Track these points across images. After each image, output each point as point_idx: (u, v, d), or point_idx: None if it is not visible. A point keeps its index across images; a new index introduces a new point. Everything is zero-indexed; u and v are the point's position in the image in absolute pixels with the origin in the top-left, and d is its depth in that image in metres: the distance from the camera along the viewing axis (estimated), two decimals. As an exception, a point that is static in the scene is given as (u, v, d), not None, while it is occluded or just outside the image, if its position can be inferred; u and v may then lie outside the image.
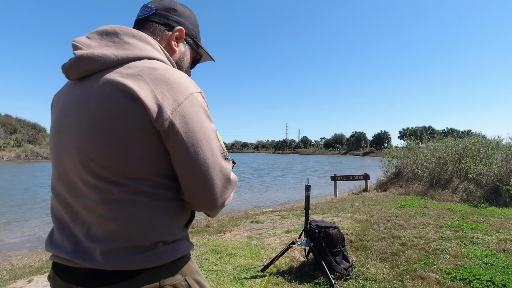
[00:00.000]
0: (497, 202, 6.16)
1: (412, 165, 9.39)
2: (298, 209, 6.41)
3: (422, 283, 2.45)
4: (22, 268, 3.40)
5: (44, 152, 32.37)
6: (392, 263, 2.86)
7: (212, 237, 4.28)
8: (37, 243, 5.43)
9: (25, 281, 2.80)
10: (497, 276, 2.47)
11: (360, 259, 3.01)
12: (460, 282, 2.45)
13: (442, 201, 6.82)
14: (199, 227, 5.24)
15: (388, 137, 68.18)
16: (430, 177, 8.31)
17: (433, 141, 11.46)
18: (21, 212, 7.75)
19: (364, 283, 2.49)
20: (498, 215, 4.91)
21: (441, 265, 2.79)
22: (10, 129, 37.02)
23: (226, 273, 2.79)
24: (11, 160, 28.56)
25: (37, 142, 36.26)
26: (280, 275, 2.69)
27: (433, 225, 4.30)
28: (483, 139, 9.90)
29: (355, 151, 70.14)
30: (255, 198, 10.49)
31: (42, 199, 9.68)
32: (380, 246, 3.36)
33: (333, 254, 2.68)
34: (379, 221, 4.71)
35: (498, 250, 3.13)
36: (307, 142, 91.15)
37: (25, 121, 42.59)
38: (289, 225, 4.90)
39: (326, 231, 2.73)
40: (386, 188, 9.16)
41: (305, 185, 2.82)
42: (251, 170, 22.20)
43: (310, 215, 5.32)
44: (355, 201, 7.08)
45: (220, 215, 7.16)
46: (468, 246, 3.32)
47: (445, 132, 59.98)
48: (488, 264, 2.78)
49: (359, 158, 50.75)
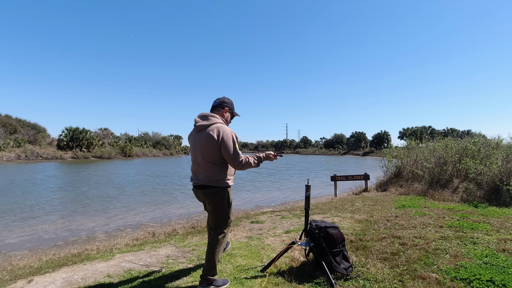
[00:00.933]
0: (497, 202, 6.16)
1: (412, 165, 9.39)
2: (298, 209, 6.41)
3: (422, 283, 2.45)
4: (22, 268, 3.40)
5: (44, 152, 32.37)
6: (392, 263, 2.86)
7: (212, 237, 4.28)
8: (37, 243, 5.43)
9: (25, 281, 2.80)
10: (497, 276, 2.46)
11: (360, 259, 3.01)
12: (460, 282, 2.45)
13: (442, 201, 6.82)
14: (199, 227, 5.24)
15: (388, 137, 68.17)
16: (430, 177, 8.31)
17: (433, 141, 11.46)
18: (21, 213, 7.75)
19: (364, 283, 2.49)
20: (498, 215, 4.91)
21: (441, 265, 2.79)
22: (10, 129, 37.02)
23: (226, 273, 2.79)
24: (11, 160, 28.56)
25: (37, 143, 36.23)
26: (280, 275, 2.69)
27: (433, 225, 4.30)
28: (483, 139, 9.90)
29: (355, 151, 70.11)
30: (255, 198, 10.49)
31: (42, 199, 9.68)
32: (380, 246, 3.36)
33: (333, 254, 2.68)
34: (379, 221, 4.71)
35: (498, 250, 3.13)
36: (307, 142, 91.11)
37: (25, 122, 42.60)
38: (289, 225, 4.90)
39: (326, 231, 2.73)
40: (386, 188, 9.16)
41: (305, 185, 2.82)
42: (251, 170, 22.19)
43: (310, 215, 5.31)
44: (355, 201, 7.08)
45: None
46: (468, 246, 3.32)
47: (445, 132, 59.98)
48: (488, 264, 2.78)
49: (359, 158, 50.74)
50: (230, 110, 2.64)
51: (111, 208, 8.61)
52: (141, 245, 4.04)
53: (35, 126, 42.40)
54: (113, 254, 3.56)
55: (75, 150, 35.71)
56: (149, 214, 7.91)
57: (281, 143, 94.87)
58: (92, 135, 38.60)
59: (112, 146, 42.52)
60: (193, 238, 4.26)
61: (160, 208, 8.71)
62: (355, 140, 74.14)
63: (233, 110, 2.67)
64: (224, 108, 2.59)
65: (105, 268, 3.03)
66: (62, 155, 33.53)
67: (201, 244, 3.83)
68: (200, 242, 3.98)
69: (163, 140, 57.83)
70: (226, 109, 2.60)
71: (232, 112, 2.67)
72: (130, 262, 3.22)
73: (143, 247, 3.84)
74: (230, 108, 2.63)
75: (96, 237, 5.74)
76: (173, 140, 61.16)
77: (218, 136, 2.37)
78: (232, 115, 2.69)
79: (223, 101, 2.60)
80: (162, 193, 11.46)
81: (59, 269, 3.12)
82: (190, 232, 4.78)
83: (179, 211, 8.37)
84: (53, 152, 33.62)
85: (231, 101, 2.66)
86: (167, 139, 58.80)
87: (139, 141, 51.89)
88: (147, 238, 4.67)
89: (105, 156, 37.57)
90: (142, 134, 59.07)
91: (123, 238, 4.95)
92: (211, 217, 2.55)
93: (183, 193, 11.62)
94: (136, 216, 7.65)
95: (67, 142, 36.25)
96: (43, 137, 39.65)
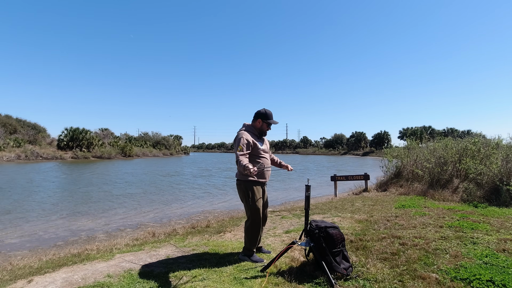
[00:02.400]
0: (497, 202, 6.15)
1: (412, 165, 9.39)
2: (298, 209, 6.41)
3: (422, 283, 2.45)
4: (22, 268, 3.40)
5: (44, 152, 32.36)
6: (392, 263, 2.86)
7: (212, 237, 4.28)
8: (37, 243, 5.43)
9: (25, 282, 2.80)
10: (497, 276, 2.46)
11: (360, 259, 3.01)
12: (460, 282, 2.44)
13: (442, 201, 6.82)
14: (199, 227, 5.24)
15: (388, 137, 68.19)
16: (430, 177, 8.31)
17: (433, 141, 11.45)
18: (21, 212, 7.75)
19: (364, 283, 2.49)
20: (498, 215, 4.91)
21: (441, 265, 2.78)
22: (10, 129, 37.00)
23: (226, 273, 2.79)
24: (11, 160, 28.55)
25: (37, 143, 36.21)
26: (280, 275, 2.68)
27: (433, 225, 4.30)
28: (483, 139, 9.90)
29: (355, 151, 70.12)
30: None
31: (42, 199, 9.68)
32: (380, 246, 3.36)
33: (333, 254, 2.68)
34: (379, 221, 4.71)
35: (498, 250, 3.13)
36: (307, 142, 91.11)
37: (25, 122, 42.59)
38: (289, 225, 4.90)
39: (326, 231, 2.72)
40: (386, 188, 9.16)
41: (305, 185, 2.81)
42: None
43: (310, 215, 5.31)
44: (355, 201, 7.08)
45: (220, 215, 7.17)
46: (468, 246, 3.32)
47: (445, 132, 59.98)
48: (488, 264, 2.78)
49: (359, 158, 50.72)
50: (263, 119, 3.17)
51: (111, 208, 8.61)
52: (141, 245, 4.05)
53: (35, 126, 42.40)
54: (113, 254, 3.56)
55: (75, 150, 35.70)
56: (149, 214, 7.91)
57: (281, 143, 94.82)
58: (92, 135, 38.60)
59: (112, 146, 42.50)
60: (193, 238, 4.26)
61: (160, 208, 8.71)
62: (355, 140, 74.14)
63: (268, 118, 3.16)
64: (257, 118, 3.18)
65: (105, 268, 3.03)
66: (62, 155, 33.51)
67: (201, 244, 3.83)
68: (200, 242, 3.98)
69: (163, 140, 57.84)
70: (259, 119, 3.18)
71: (265, 121, 3.17)
72: (130, 262, 3.22)
73: (143, 247, 3.84)
74: (262, 118, 3.17)
75: (96, 237, 5.74)
76: (173, 140, 61.19)
77: (234, 139, 3.15)
78: (267, 124, 3.19)
79: (257, 113, 3.19)
80: (162, 193, 11.46)
81: (59, 269, 3.12)
82: (190, 232, 4.78)
83: (179, 211, 8.38)
84: (53, 152, 33.60)
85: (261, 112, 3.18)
86: (167, 139, 58.81)
87: (139, 141, 51.88)
88: (147, 238, 4.67)
89: (105, 156, 37.56)
90: (142, 134, 59.08)
91: (123, 238, 4.95)
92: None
93: (184, 193, 11.63)
94: (136, 216, 7.65)
95: (67, 142, 36.24)
96: (43, 137, 39.63)
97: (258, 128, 3.19)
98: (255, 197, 3.03)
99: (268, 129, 3.23)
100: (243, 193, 3.07)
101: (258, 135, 3.21)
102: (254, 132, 3.18)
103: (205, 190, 12.56)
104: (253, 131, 3.18)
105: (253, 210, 3.04)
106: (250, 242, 3.13)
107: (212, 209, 8.64)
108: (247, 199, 3.05)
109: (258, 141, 3.16)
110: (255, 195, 3.04)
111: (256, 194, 3.05)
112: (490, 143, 8.67)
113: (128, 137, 53.39)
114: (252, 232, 3.10)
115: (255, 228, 3.08)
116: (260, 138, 3.23)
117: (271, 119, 3.18)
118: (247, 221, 3.14)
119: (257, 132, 3.20)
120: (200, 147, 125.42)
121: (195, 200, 10.23)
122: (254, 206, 3.03)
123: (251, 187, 3.04)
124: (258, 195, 3.07)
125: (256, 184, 3.07)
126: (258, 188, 3.08)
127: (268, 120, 3.17)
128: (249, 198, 3.03)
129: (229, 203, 9.62)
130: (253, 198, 3.03)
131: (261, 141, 3.23)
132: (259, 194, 3.08)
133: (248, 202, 3.05)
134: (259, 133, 3.21)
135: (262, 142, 3.23)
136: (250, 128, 3.19)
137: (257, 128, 3.19)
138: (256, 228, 3.09)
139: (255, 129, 3.20)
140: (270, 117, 3.17)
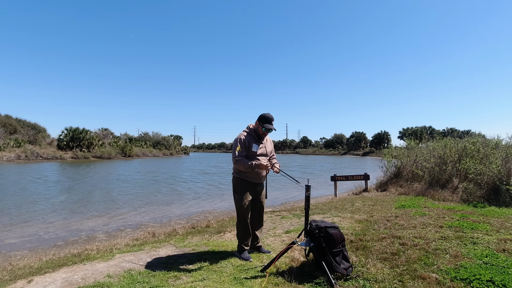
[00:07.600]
0: (497, 202, 6.16)
1: (412, 165, 9.39)
2: (298, 209, 6.41)
3: (422, 283, 2.45)
4: (22, 268, 3.40)
5: (44, 152, 32.35)
6: (392, 263, 2.86)
7: (212, 237, 4.28)
8: (37, 243, 5.43)
9: (25, 282, 2.80)
10: (497, 276, 2.46)
11: (360, 259, 3.01)
12: (460, 282, 2.44)
13: (442, 201, 6.82)
14: (199, 227, 5.24)
15: (388, 137, 68.16)
16: (430, 177, 8.31)
17: (433, 141, 11.45)
18: (21, 213, 7.75)
19: (364, 283, 2.49)
20: (498, 215, 4.91)
21: (441, 265, 2.79)
22: (10, 129, 36.99)
23: (226, 273, 2.79)
24: (11, 160, 28.54)
25: (37, 143, 36.19)
26: (280, 275, 2.69)
27: (433, 225, 4.30)
28: (483, 139, 9.90)
29: (355, 151, 70.11)
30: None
31: (42, 199, 9.68)
32: (380, 246, 3.36)
33: (333, 254, 2.68)
34: (379, 221, 4.71)
35: (498, 250, 3.13)
36: (307, 142, 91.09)
37: (25, 122, 42.57)
38: (289, 225, 4.90)
39: (326, 231, 2.73)
40: (386, 188, 9.16)
41: (305, 185, 2.82)
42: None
43: (310, 215, 5.31)
44: (355, 201, 7.08)
45: (220, 215, 7.17)
46: (468, 246, 3.32)
47: (445, 132, 60.00)
48: (488, 264, 2.78)
49: (359, 158, 50.74)
50: (261, 122, 3.24)
51: (111, 208, 8.61)
52: (141, 245, 4.05)
53: (35, 126, 42.37)
54: (113, 254, 3.56)
55: (75, 150, 35.68)
56: (149, 214, 7.91)
57: (281, 143, 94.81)
58: (92, 135, 38.57)
59: (112, 146, 42.48)
60: (193, 238, 4.26)
61: (160, 208, 8.71)
62: (355, 140, 74.13)
63: (263, 121, 3.22)
64: (257, 122, 3.30)
65: (105, 268, 3.03)
66: (62, 155, 33.50)
67: (201, 244, 3.83)
68: (200, 242, 3.98)
69: (163, 140, 57.82)
70: (257, 121, 3.28)
71: (262, 124, 3.23)
72: (130, 262, 3.22)
73: (143, 247, 3.84)
74: (259, 121, 3.25)
75: (96, 237, 5.74)
76: (173, 140, 61.16)
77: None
78: (261, 126, 3.23)
79: (260, 116, 3.26)
80: (162, 193, 11.46)
81: (59, 269, 3.12)
82: (190, 232, 4.78)
83: (179, 211, 8.38)
84: (53, 152, 33.59)
85: (261, 115, 3.26)
86: (167, 139, 58.78)
87: (139, 141, 51.85)
88: (147, 238, 4.67)
89: (105, 156, 37.55)
90: (142, 134, 59.07)
91: (123, 238, 4.95)
92: None
93: (184, 193, 11.63)
94: (136, 216, 7.65)
95: (67, 142, 36.22)
96: (43, 137, 39.61)
97: (256, 130, 3.28)
98: (242, 193, 3.18)
99: (263, 133, 3.26)
100: (233, 189, 3.30)
101: (257, 137, 3.28)
102: (252, 134, 3.27)
103: (205, 190, 12.57)
104: (252, 133, 3.28)
105: (238, 206, 3.20)
106: (239, 238, 3.27)
107: (212, 209, 8.64)
108: (234, 195, 3.26)
109: (255, 144, 3.23)
110: (242, 191, 3.19)
111: (243, 190, 3.19)
112: (490, 143, 8.67)
113: (128, 137, 53.34)
114: (238, 227, 3.25)
115: (241, 223, 3.22)
116: (258, 141, 3.28)
117: (267, 123, 3.22)
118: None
119: (255, 135, 3.28)
120: (200, 147, 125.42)
121: (195, 200, 10.23)
122: (240, 203, 3.17)
123: (239, 184, 3.21)
124: (245, 191, 3.20)
125: (245, 183, 3.21)
126: (247, 185, 3.21)
127: (264, 123, 3.22)
128: (236, 194, 3.23)
129: (229, 203, 9.62)
130: (240, 194, 3.19)
131: (258, 144, 3.27)
132: (246, 191, 3.20)
133: (235, 198, 3.24)
134: (257, 135, 3.28)
135: (259, 145, 3.27)
136: (250, 131, 3.30)
137: (255, 130, 3.28)
138: (242, 223, 3.22)
139: (254, 131, 3.28)
140: (267, 122, 3.21)
